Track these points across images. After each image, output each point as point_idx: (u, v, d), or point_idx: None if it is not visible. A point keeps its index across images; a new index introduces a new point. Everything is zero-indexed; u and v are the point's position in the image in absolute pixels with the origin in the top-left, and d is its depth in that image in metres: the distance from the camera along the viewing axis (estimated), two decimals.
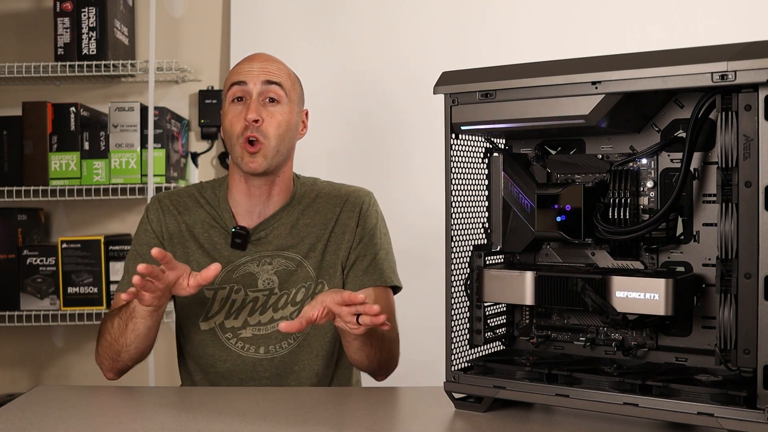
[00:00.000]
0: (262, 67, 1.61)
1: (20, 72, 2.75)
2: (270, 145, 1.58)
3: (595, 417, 1.25)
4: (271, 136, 1.58)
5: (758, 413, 1.07)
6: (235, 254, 1.63)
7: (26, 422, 1.28)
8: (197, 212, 1.67)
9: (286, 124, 1.60)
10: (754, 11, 2.61)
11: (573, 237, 1.29)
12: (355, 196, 1.68)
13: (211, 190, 1.70)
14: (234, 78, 1.61)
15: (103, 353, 1.58)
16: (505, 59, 1.38)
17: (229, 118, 1.60)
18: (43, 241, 2.89)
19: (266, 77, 1.60)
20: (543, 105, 1.21)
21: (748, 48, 1.06)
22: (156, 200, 1.70)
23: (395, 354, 1.62)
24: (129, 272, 1.64)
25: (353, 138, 2.85)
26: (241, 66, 1.63)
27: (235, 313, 1.63)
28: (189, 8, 2.99)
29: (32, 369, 3.00)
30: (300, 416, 1.31)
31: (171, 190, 1.73)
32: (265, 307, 1.63)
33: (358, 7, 2.86)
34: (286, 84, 1.62)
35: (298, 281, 1.63)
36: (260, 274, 1.63)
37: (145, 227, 1.68)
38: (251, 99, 1.58)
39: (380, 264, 1.65)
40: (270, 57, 1.67)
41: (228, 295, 1.63)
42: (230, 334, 1.63)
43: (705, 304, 1.26)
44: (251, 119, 1.56)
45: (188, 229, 1.66)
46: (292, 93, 1.63)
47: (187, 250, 1.64)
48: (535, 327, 1.41)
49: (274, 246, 1.64)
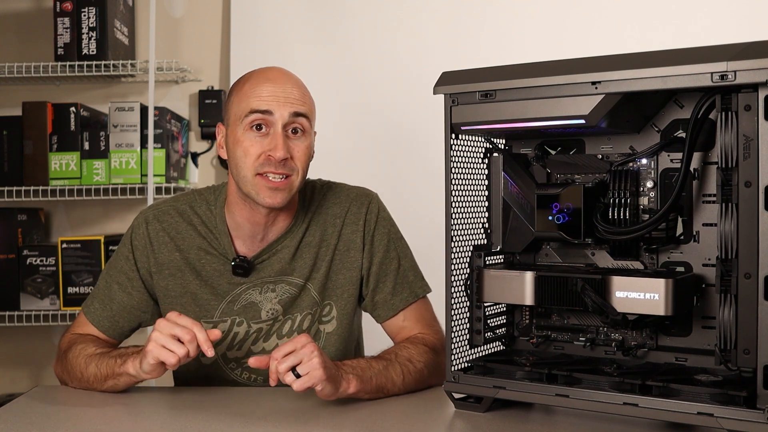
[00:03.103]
0: (287, 94, 1.44)
1: (20, 72, 2.75)
2: (296, 179, 1.45)
3: (595, 417, 1.25)
4: (298, 168, 1.45)
5: (758, 413, 1.07)
6: (235, 281, 1.52)
7: (26, 422, 1.28)
8: (191, 237, 1.53)
9: (309, 155, 1.49)
10: (754, 11, 2.61)
11: (573, 237, 1.29)
12: (357, 205, 1.58)
13: (206, 206, 1.55)
14: (255, 104, 1.43)
15: (65, 376, 1.51)
16: (505, 59, 1.38)
17: (245, 146, 1.43)
18: (43, 241, 2.89)
19: (293, 108, 1.44)
20: (543, 105, 1.21)
21: (748, 48, 1.06)
22: (144, 224, 1.54)
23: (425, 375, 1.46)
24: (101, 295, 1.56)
25: (353, 138, 2.85)
26: (261, 87, 1.44)
27: (237, 345, 1.54)
28: (189, 8, 2.99)
29: (32, 369, 3.00)
30: (300, 416, 1.31)
31: (160, 208, 1.57)
32: (269, 334, 1.55)
33: (358, 8, 2.86)
34: (311, 114, 1.48)
35: (303, 307, 1.55)
36: (263, 304, 1.53)
37: (126, 255, 1.55)
38: (276, 132, 1.43)
39: (405, 278, 1.57)
40: (291, 78, 1.49)
41: (230, 329, 1.54)
42: (234, 364, 1.56)
43: (705, 304, 1.26)
44: (280, 158, 1.41)
45: (183, 257, 1.53)
46: (313, 120, 1.50)
47: (183, 281, 1.53)
48: (535, 327, 1.41)
49: (276, 271, 1.53)
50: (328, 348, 1.56)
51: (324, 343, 1.56)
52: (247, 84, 1.47)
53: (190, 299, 1.53)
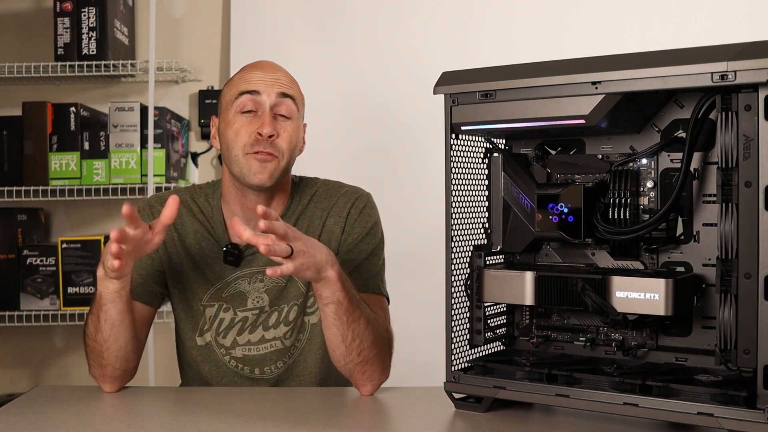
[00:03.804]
0: (275, 78, 1.53)
1: (20, 72, 2.75)
2: (282, 160, 1.51)
3: (595, 417, 1.25)
4: (284, 150, 1.51)
5: (758, 413, 1.07)
6: (227, 270, 1.57)
7: (26, 422, 1.28)
8: (190, 222, 1.60)
9: (296, 140, 1.54)
10: (754, 11, 2.61)
11: (573, 237, 1.29)
12: (345, 200, 1.61)
13: (204, 198, 1.62)
14: (243, 86, 1.51)
15: (91, 363, 1.50)
16: (505, 59, 1.38)
17: (235, 127, 1.50)
18: (43, 241, 2.89)
19: (281, 89, 1.52)
20: (543, 105, 1.21)
21: (748, 48, 1.06)
22: (147, 206, 1.61)
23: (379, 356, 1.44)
24: None
25: (353, 138, 2.85)
26: (250, 74, 1.53)
27: (223, 333, 1.59)
28: (189, 8, 2.99)
29: (32, 369, 3.00)
30: (300, 416, 1.31)
31: (161, 194, 1.66)
32: (255, 325, 1.58)
33: (358, 8, 2.86)
34: (298, 98, 1.56)
35: (289, 298, 1.58)
36: (250, 293, 1.58)
37: None
38: (264, 111, 1.50)
39: (365, 271, 1.56)
40: (279, 66, 1.58)
41: (216, 314, 1.58)
42: (224, 350, 1.60)
43: (705, 304, 1.26)
44: (267, 134, 1.48)
45: (180, 240, 1.59)
46: (301, 107, 1.57)
47: (178, 261, 1.58)
48: (535, 327, 1.41)
49: (266, 261, 1.54)
50: (313, 339, 1.59)
51: (309, 335, 1.60)
52: (237, 74, 1.57)
53: (181, 280, 1.58)
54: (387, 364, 1.48)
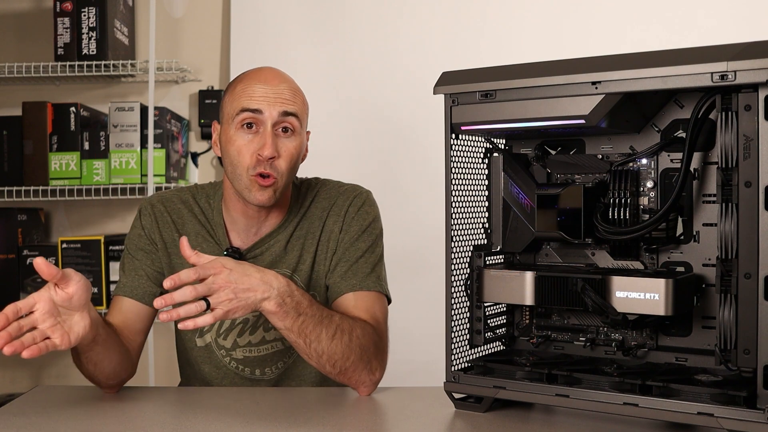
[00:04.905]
0: (278, 93, 1.48)
1: (20, 72, 2.75)
2: (282, 180, 1.49)
3: (595, 417, 1.25)
4: (284, 170, 1.49)
5: (758, 413, 1.07)
6: None
7: (26, 422, 1.28)
8: (191, 223, 1.59)
9: (298, 155, 1.52)
10: (754, 11, 2.61)
11: (573, 237, 1.29)
12: (343, 198, 1.60)
13: (206, 199, 1.62)
14: (245, 103, 1.47)
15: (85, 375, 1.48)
16: (505, 59, 1.38)
17: (237, 145, 1.48)
18: (43, 241, 2.89)
19: (283, 107, 1.48)
20: (543, 105, 1.21)
21: (748, 48, 1.06)
22: (149, 205, 1.61)
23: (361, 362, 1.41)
24: (126, 269, 1.59)
25: (353, 138, 2.85)
26: (253, 87, 1.49)
27: (224, 334, 1.58)
28: (189, 8, 2.99)
29: (32, 369, 3.00)
30: (300, 416, 1.31)
31: (163, 193, 1.64)
32: (255, 327, 1.58)
33: (358, 8, 2.86)
34: (302, 113, 1.52)
35: None
36: None
37: (138, 232, 1.60)
38: (265, 130, 1.47)
39: (361, 269, 1.54)
40: (283, 77, 1.53)
41: None
42: (224, 351, 1.59)
43: (705, 304, 1.26)
44: (267, 156, 1.45)
45: None
46: (304, 120, 1.54)
47: (178, 262, 1.56)
48: (535, 327, 1.41)
49: (267, 263, 1.55)
50: None
51: None
52: (240, 84, 1.51)
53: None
54: (375, 364, 1.44)
